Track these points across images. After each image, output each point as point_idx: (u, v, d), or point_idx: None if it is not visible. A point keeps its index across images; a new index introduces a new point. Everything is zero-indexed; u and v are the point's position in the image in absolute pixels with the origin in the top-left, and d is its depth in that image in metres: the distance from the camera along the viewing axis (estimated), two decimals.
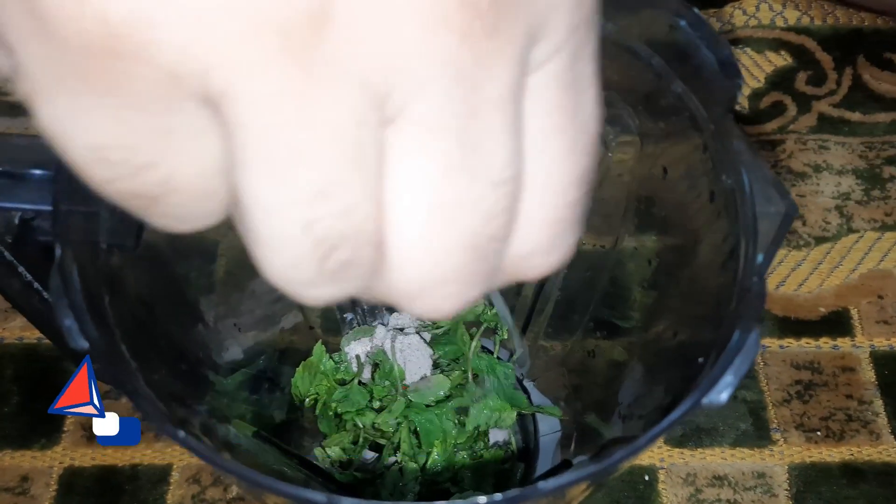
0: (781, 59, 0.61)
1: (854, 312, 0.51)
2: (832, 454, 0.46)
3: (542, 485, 0.17)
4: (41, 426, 0.46)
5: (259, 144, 0.13)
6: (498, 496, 0.17)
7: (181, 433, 0.18)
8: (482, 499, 0.17)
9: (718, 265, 0.23)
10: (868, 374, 0.49)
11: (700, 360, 0.21)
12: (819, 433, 0.47)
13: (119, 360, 0.20)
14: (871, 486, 0.45)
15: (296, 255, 0.14)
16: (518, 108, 0.14)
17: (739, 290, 0.20)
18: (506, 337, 0.43)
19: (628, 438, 0.19)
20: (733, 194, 0.22)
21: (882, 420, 0.47)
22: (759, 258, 0.20)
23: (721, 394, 0.18)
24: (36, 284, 0.29)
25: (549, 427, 0.42)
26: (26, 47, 0.12)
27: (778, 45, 0.61)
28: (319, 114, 0.12)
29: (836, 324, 0.50)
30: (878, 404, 0.48)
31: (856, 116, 0.58)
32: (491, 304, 0.42)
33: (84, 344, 0.18)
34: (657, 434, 0.18)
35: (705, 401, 0.18)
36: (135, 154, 0.13)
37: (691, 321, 0.26)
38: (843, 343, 0.50)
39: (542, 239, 0.16)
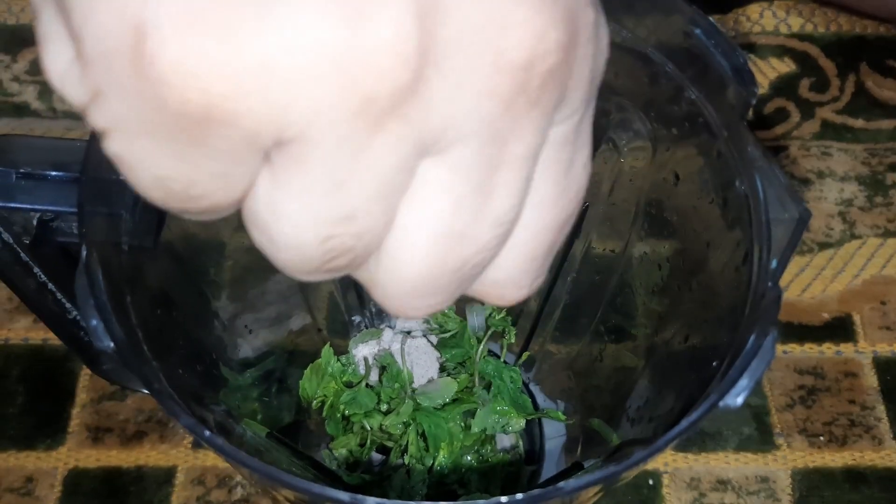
0: (785, 66, 0.61)
1: (857, 318, 0.51)
2: (835, 459, 0.46)
3: (563, 484, 0.17)
4: (46, 427, 0.46)
5: (309, 176, 0.14)
6: (519, 496, 0.17)
7: (206, 432, 0.18)
8: (504, 499, 0.17)
9: (732, 270, 0.23)
10: (870, 379, 0.49)
11: (714, 363, 0.21)
12: (822, 438, 0.47)
13: (143, 360, 0.20)
14: (873, 491, 0.45)
15: (305, 258, 0.16)
16: (533, 166, 0.16)
17: (754, 295, 0.21)
18: (513, 341, 0.43)
19: (645, 440, 0.19)
20: (747, 200, 0.23)
21: (884, 425, 0.47)
22: (774, 263, 0.21)
23: (737, 397, 0.18)
24: (50, 285, 0.30)
25: (554, 431, 0.43)
26: (121, 96, 0.13)
27: (782, 51, 0.62)
28: (372, 158, 0.14)
29: (838, 329, 0.51)
30: (881, 409, 0.48)
31: (859, 123, 0.59)
32: (499, 309, 0.43)
33: (109, 344, 0.19)
34: (676, 435, 0.18)
35: (721, 404, 0.18)
36: (193, 186, 0.15)
37: (703, 325, 0.26)
38: (846, 348, 0.50)
39: (516, 273, 0.18)
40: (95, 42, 0.13)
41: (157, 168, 0.14)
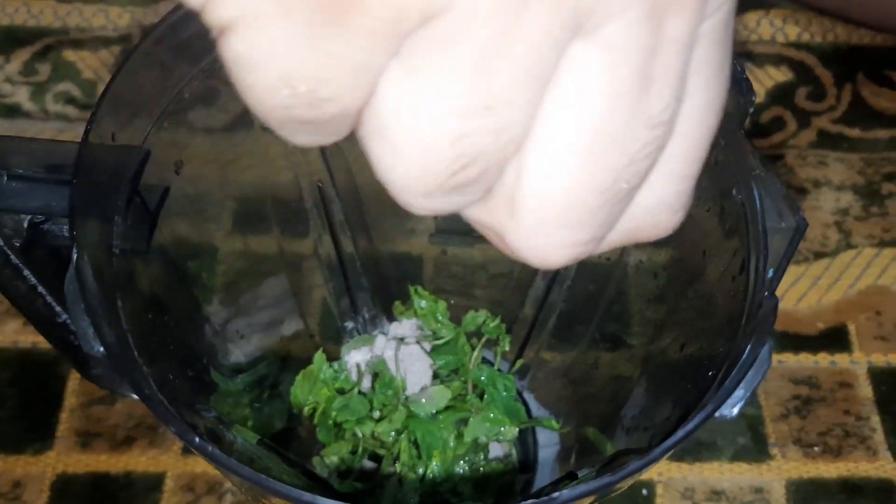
0: (782, 75, 0.61)
1: (852, 328, 0.51)
2: (830, 470, 0.46)
3: (557, 495, 0.17)
4: (34, 431, 0.46)
5: (453, 57, 0.13)
6: None
7: (196, 439, 0.18)
8: None
9: (728, 279, 0.23)
10: (865, 389, 0.49)
11: (711, 373, 0.21)
12: (817, 448, 0.47)
13: (133, 365, 0.20)
14: (868, 502, 0.45)
15: (431, 165, 0.14)
16: (690, 54, 0.14)
17: (751, 304, 0.21)
18: (507, 349, 0.43)
19: (640, 450, 0.19)
20: (744, 209, 0.22)
21: (879, 436, 0.47)
22: (770, 273, 0.20)
23: (733, 408, 0.18)
24: (40, 288, 0.29)
25: (548, 439, 0.42)
26: None
27: (778, 60, 0.62)
28: (525, 30, 0.13)
29: (834, 339, 0.51)
30: (876, 420, 0.48)
31: (855, 133, 0.59)
32: (494, 317, 0.42)
33: (99, 348, 0.18)
34: (671, 446, 0.18)
35: (717, 414, 0.18)
36: (322, 86, 0.13)
37: (700, 334, 0.26)
38: (841, 359, 0.50)
39: (670, 193, 0.16)
40: None
41: (287, 61, 0.13)
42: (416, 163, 0.14)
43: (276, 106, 0.14)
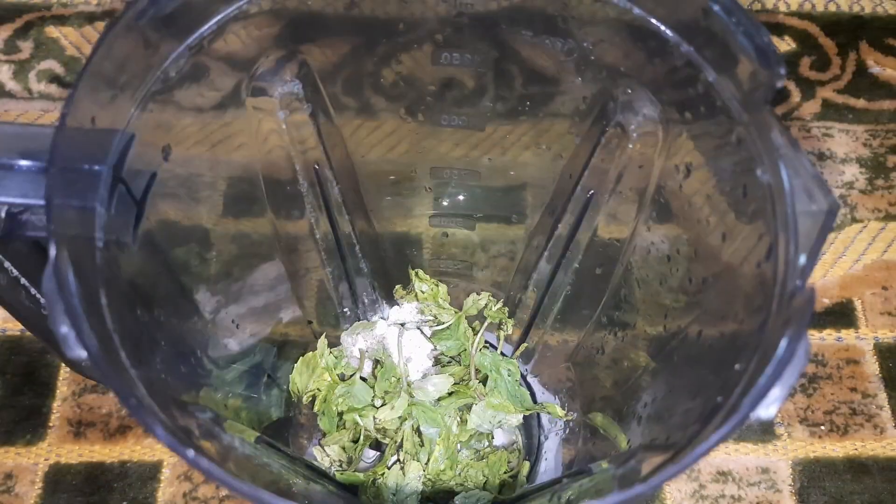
0: (785, 45, 0.60)
1: (858, 303, 0.50)
2: (836, 449, 0.45)
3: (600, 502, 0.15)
4: (25, 421, 0.44)
5: None
6: None
7: (190, 451, 0.17)
8: None
9: (753, 266, 0.22)
10: (872, 366, 0.48)
11: (737, 366, 0.20)
12: (823, 427, 0.46)
13: (118, 368, 0.19)
14: (875, 482, 0.44)
15: None
16: None
17: (781, 292, 0.19)
18: (510, 332, 0.42)
19: (661, 446, 0.18)
20: (770, 190, 0.21)
21: (886, 413, 0.46)
22: (802, 259, 0.19)
23: (769, 408, 0.17)
24: (23, 280, 0.28)
25: (554, 423, 0.41)
26: None
27: (781, 30, 0.60)
28: None
29: (840, 315, 0.50)
30: (882, 397, 0.47)
31: (860, 103, 0.57)
32: (496, 300, 0.41)
33: (82, 353, 0.17)
34: (706, 451, 0.16)
35: (752, 415, 0.17)
36: None
37: (721, 324, 0.25)
38: (847, 335, 0.49)
39: None
40: None
41: None
42: None
43: None
